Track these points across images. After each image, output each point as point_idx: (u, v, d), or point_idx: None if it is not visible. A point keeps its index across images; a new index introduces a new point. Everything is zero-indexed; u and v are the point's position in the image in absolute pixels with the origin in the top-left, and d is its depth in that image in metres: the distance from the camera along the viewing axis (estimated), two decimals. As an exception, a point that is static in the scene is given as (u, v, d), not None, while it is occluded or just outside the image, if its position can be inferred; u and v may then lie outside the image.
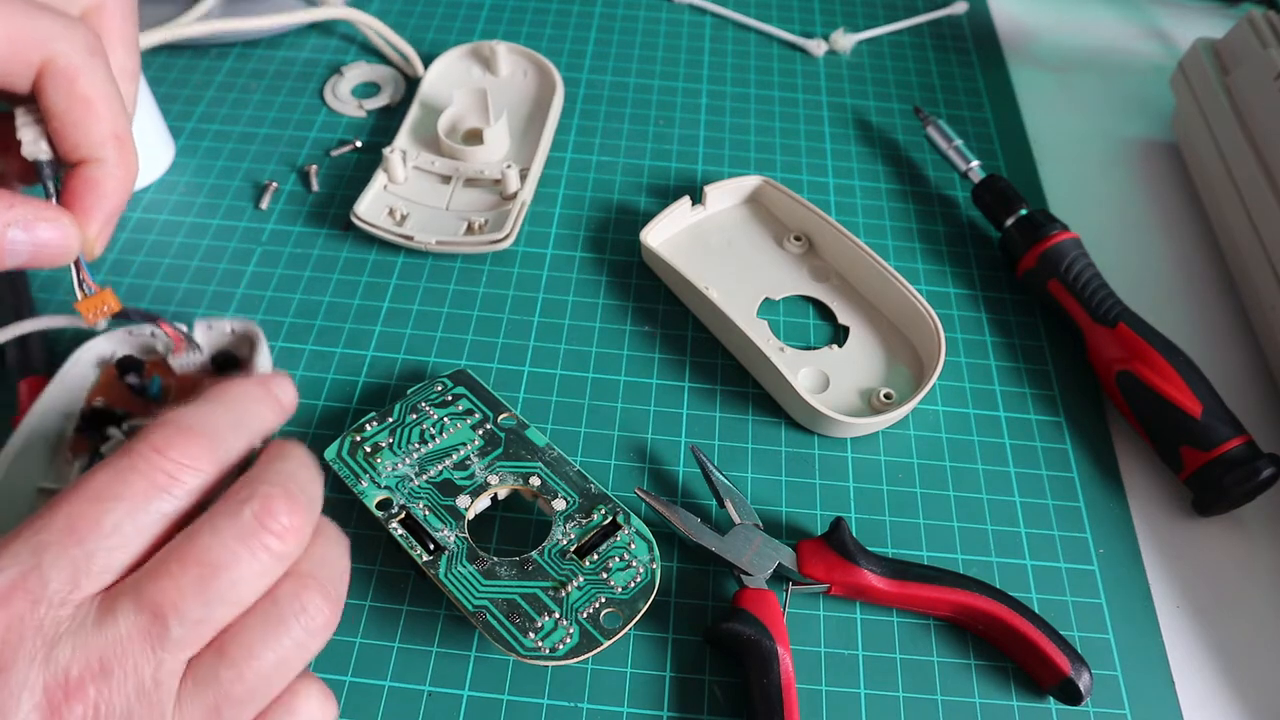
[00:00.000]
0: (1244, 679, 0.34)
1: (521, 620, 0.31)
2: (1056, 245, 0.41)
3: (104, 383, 0.38)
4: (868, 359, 0.40)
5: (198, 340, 0.37)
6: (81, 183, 0.27)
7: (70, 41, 0.25)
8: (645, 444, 0.38)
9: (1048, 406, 0.40)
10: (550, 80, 0.51)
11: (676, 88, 0.54)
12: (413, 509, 0.33)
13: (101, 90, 0.26)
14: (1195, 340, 0.43)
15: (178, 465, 0.22)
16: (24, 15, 0.25)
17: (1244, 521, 0.37)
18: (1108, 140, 0.53)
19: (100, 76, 0.26)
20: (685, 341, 0.42)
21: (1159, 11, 0.62)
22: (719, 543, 0.33)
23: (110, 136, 0.27)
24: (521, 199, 0.44)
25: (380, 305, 0.42)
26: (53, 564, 0.20)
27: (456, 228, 0.44)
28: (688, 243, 0.44)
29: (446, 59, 0.52)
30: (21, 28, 0.25)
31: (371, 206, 0.45)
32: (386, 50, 0.54)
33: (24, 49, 0.25)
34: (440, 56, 0.52)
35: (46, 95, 0.26)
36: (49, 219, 0.26)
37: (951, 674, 0.33)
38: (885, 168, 0.50)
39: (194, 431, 0.22)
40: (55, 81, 0.26)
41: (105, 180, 0.27)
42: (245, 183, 0.47)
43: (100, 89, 0.26)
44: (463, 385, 0.37)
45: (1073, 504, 0.37)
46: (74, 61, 0.25)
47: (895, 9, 0.59)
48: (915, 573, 0.33)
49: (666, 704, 0.32)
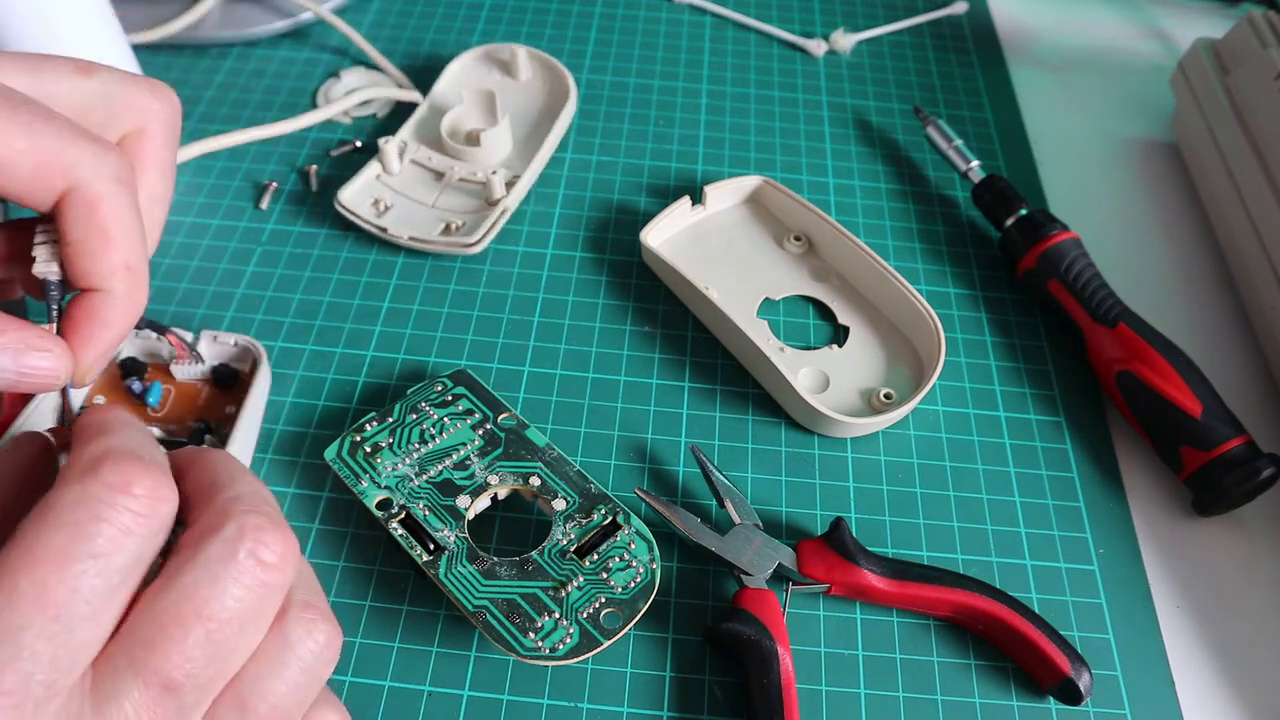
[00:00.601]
0: (1244, 679, 0.34)
1: (521, 620, 0.31)
2: (1056, 245, 0.41)
3: (105, 382, 0.38)
4: (868, 359, 0.40)
5: (201, 351, 0.38)
6: (84, 312, 0.26)
7: (96, 170, 0.25)
8: (645, 444, 0.38)
9: (1048, 406, 0.40)
10: (563, 89, 0.50)
11: (676, 88, 0.54)
12: (413, 509, 0.33)
13: (121, 222, 0.25)
14: (1195, 340, 0.43)
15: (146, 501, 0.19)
16: (55, 138, 0.24)
17: (1244, 521, 0.37)
18: (1108, 140, 0.53)
19: (122, 206, 0.25)
20: (685, 341, 0.42)
21: (1159, 11, 0.62)
22: (719, 543, 0.33)
23: (121, 267, 0.26)
24: (504, 206, 0.44)
25: (380, 305, 0.42)
26: (32, 652, 0.17)
27: (434, 227, 0.44)
28: (688, 243, 0.45)
29: (465, 59, 0.52)
30: (50, 151, 0.24)
31: (357, 194, 0.45)
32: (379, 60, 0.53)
33: (48, 175, 0.24)
34: (458, 56, 0.51)
35: (64, 219, 0.25)
36: (41, 348, 0.24)
37: (951, 674, 0.33)
38: (885, 168, 0.50)
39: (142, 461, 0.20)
40: (75, 209, 0.25)
41: (109, 312, 0.26)
42: (245, 183, 0.47)
43: (119, 220, 0.25)
44: (463, 385, 0.37)
45: (1073, 504, 0.37)
46: (96, 190, 0.25)
47: (895, 9, 0.59)
48: (915, 573, 0.33)
49: (666, 704, 0.32)
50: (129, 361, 0.38)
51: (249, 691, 0.21)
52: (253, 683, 0.21)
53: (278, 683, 0.21)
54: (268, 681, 0.21)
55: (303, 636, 0.21)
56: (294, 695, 0.21)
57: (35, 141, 0.24)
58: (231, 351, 0.38)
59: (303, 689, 0.21)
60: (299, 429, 0.38)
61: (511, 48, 0.51)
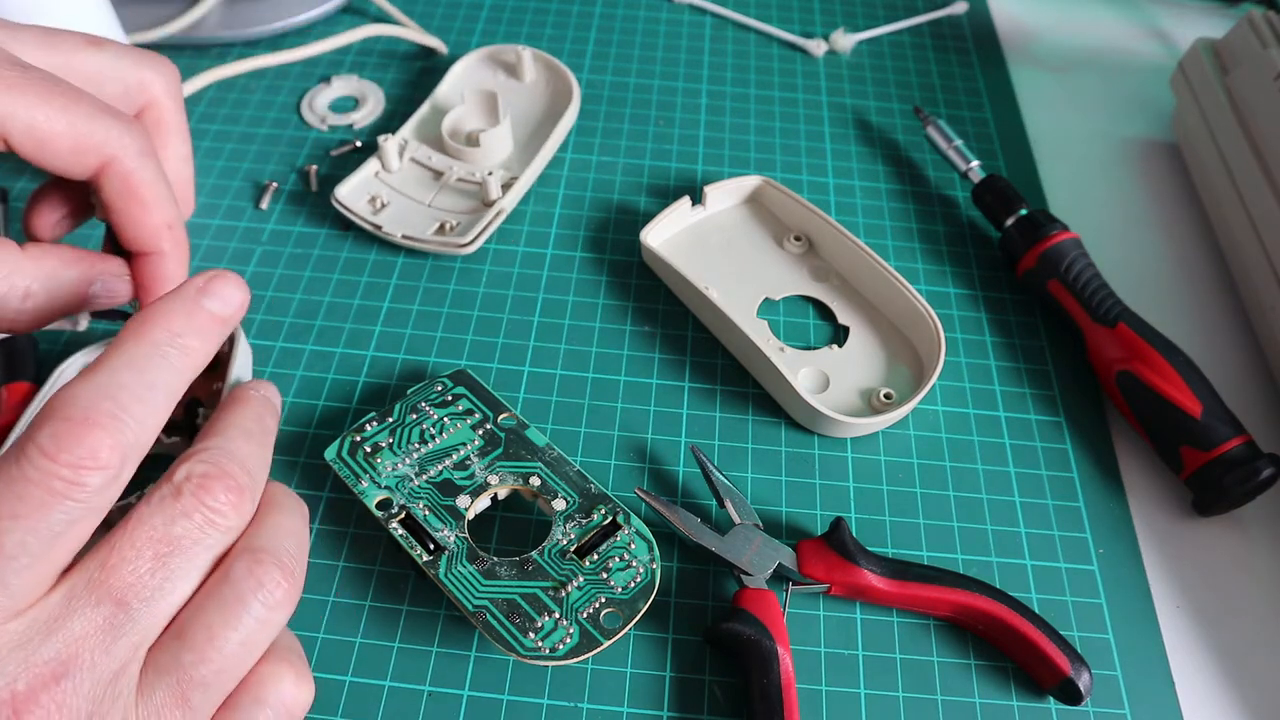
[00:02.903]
0: (1244, 679, 0.34)
1: (521, 620, 0.31)
2: (1056, 245, 0.41)
3: None
4: (868, 359, 0.40)
5: None
6: (149, 276, 0.31)
7: (125, 146, 0.28)
8: (645, 444, 0.38)
9: (1048, 406, 0.40)
10: (567, 91, 0.50)
11: (676, 88, 0.54)
12: (413, 509, 0.33)
13: (152, 188, 0.29)
14: (1195, 340, 0.43)
15: (75, 469, 0.20)
16: (88, 119, 0.27)
17: (1244, 521, 0.37)
18: (1108, 140, 0.53)
19: (151, 175, 0.29)
20: (685, 341, 0.42)
21: (1159, 11, 0.62)
22: (719, 543, 0.33)
23: (163, 227, 0.30)
24: (500, 207, 0.44)
25: (380, 305, 0.42)
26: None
27: (429, 226, 0.44)
28: (688, 243, 0.45)
29: (469, 60, 0.52)
30: (84, 132, 0.27)
31: (354, 191, 0.45)
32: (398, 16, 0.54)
33: (84, 151, 0.27)
34: (463, 57, 0.51)
35: (104, 191, 0.29)
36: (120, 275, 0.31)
37: (951, 674, 0.33)
38: (885, 168, 0.50)
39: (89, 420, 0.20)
40: (112, 182, 0.29)
41: (167, 270, 0.31)
42: (245, 183, 0.47)
43: (151, 187, 0.29)
44: (463, 385, 0.37)
45: (1073, 504, 0.37)
46: (128, 165, 0.28)
47: (895, 9, 0.59)
48: (915, 573, 0.33)
49: (666, 704, 0.32)
50: None
51: (188, 620, 0.22)
52: (193, 612, 0.22)
53: (215, 614, 0.22)
54: (207, 613, 0.22)
55: (243, 573, 0.22)
56: (233, 629, 0.22)
57: (72, 122, 0.27)
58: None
59: (243, 626, 0.22)
60: (299, 429, 0.38)
61: (517, 49, 0.51)
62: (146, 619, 0.21)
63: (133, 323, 0.23)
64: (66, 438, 0.20)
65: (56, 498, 0.20)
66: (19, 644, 0.20)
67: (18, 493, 0.19)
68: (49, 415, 0.20)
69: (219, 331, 0.24)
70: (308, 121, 0.50)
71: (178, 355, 0.23)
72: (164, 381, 0.22)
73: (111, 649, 0.20)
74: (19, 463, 0.20)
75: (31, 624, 0.20)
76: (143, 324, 0.23)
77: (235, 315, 0.24)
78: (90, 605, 0.20)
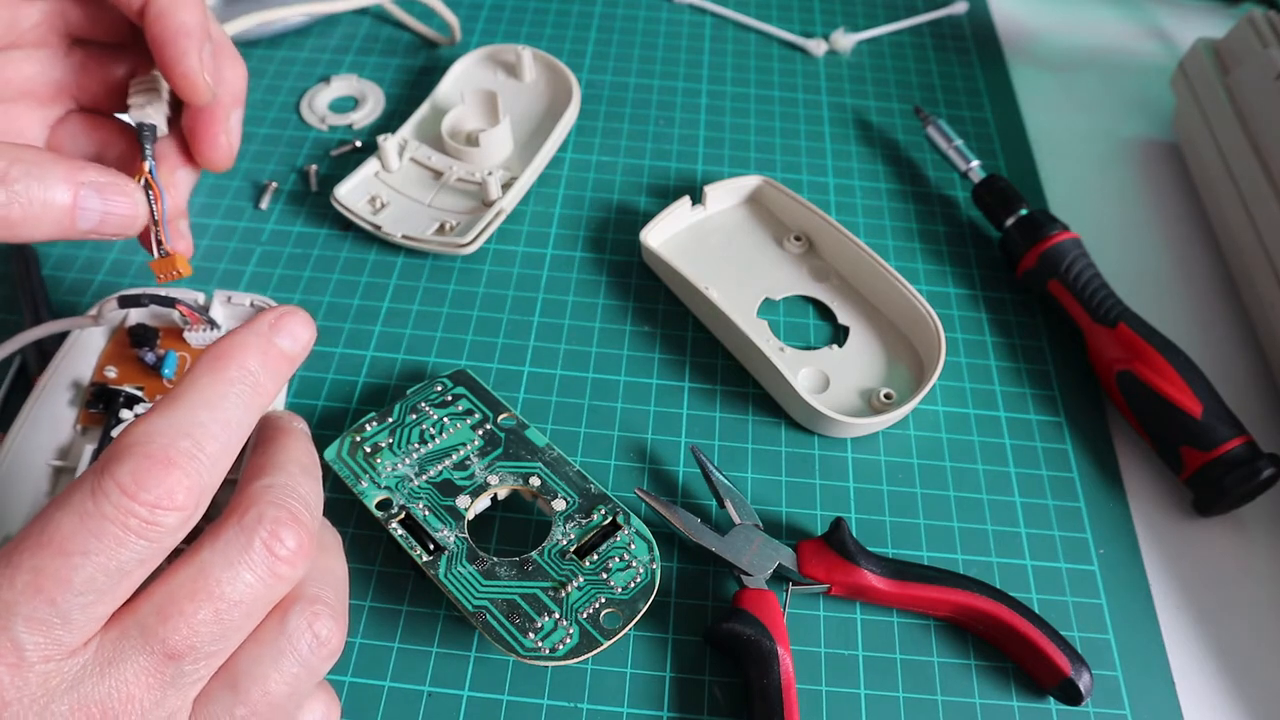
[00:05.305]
0: (1244, 679, 0.34)
1: (521, 620, 0.31)
2: (1056, 245, 0.41)
3: (114, 351, 0.36)
4: (868, 359, 0.40)
5: (215, 315, 0.37)
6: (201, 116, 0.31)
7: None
8: (645, 444, 0.38)
9: (1048, 406, 0.40)
10: (567, 91, 0.50)
11: (676, 88, 0.54)
12: (413, 509, 0.33)
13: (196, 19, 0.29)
14: (1195, 340, 0.43)
15: (153, 509, 0.19)
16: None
17: (1244, 521, 0.37)
18: (1108, 140, 0.53)
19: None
20: (685, 341, 0.42)
21: (1159, 11, 0.62)
22: (719, 543, 0.33)
23: (204, 36, 0.29)
24: (499, 207, 0.44)
25: (380, 305, 0.42)
26: (25, 627, 0.19)
27: (429, 226, 0.44)
28: (688, 243, 0.44)
29: (469, 60, 0.51)
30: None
31: (354, 190, 0.45)
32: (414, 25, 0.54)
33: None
34: (462, 57, 0.51)
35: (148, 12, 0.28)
36: (122, 190, 0.27)
37: (951, 674, 0.33)
38: (885, 168, 0.50)
39: (169, 460, 0.20)
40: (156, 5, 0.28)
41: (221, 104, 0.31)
42: (245, 183, 0.47)
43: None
44: (463, 385, 0.37)
45: (1073, 504, 0.37)
46: None
47: (895, 9, 0.59)
48: (915, 573, 0.33)
49: (666, 704, 0.32)
50: (139, 329, 0.36)
51: (242, 673, 0.21)
52: (248, 664, 0.21)
53: (271, 668, 0.22)
54: (262, 665, 0.21)
55: (301, 627, 0.22)
56: (286, 683, 0.22)
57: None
58: (248, 313, 0.37)
59: (295, 678, 0.22)
60: (299, 429, 0.38)
61: (516, 49, 0.51)
62: (201, 672, 0.21)
63: (207, 357, 0.22)
64: (147, 476, 0.19)
65: (131, 536, 0.19)
66: (72, 685, 0.19)
67: (92, 529, 0.19)
68: (127, 450, 0.20)
69: (288, 370, 0.23)
70: (307, 121, 0.50)
71: (250, 394, 0.22)
72: (237, 420, 0.22)
73: (163, 701, 0.20)
74: (95, 498, 0.19)
75: (85, 665, 0.19)
76: (217, 359, 0.22)
77: (303, 354, 0.24)
78: (144, 654, 0.20)
